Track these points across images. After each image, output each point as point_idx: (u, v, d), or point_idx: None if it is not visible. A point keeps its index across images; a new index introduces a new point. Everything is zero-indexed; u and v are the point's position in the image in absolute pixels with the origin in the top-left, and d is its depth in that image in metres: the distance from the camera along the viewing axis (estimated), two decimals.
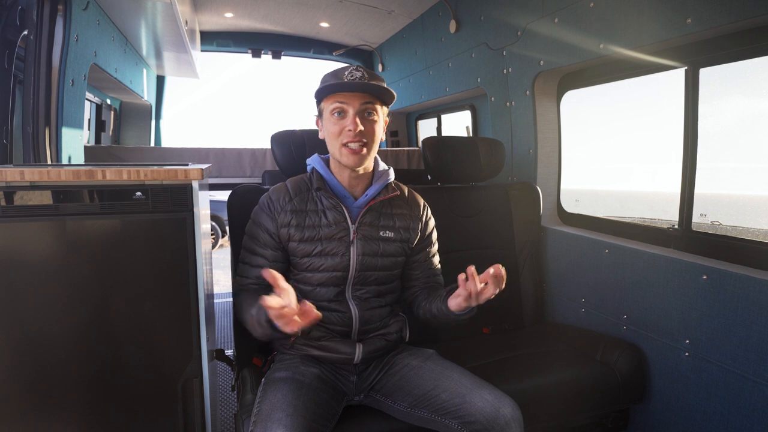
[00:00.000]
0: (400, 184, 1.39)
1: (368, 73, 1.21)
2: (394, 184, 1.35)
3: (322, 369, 1.26)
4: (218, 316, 3.38)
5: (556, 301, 2.04)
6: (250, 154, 2.95)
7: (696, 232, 1.63)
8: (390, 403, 1.26)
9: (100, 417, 1.16)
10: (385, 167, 1.35)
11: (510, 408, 1.12)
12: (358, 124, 1.19)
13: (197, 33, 3.87)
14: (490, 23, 2.43)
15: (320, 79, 1.26)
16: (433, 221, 1.43)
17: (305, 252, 1.25)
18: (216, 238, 7.40)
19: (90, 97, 3.48)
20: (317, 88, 1.23)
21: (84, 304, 1.12)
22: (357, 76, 1.19)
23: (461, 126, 3.45)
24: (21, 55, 2.00)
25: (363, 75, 1.19)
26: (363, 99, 1.20)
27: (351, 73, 1.19)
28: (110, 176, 1.11)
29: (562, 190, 2.23)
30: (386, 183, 1.31)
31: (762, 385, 1.27)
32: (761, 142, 1.65)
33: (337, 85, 1.18)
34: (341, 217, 1.26)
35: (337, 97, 1.20)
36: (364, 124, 1.20)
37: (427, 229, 1.40)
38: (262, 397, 1.14)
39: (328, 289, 1.27)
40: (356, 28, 3.72)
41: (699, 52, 1.55)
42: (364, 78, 1.19)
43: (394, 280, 1.36)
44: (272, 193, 1.29)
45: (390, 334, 1.32)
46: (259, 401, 1.13)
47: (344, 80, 1.19)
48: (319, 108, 1.26)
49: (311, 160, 1.35)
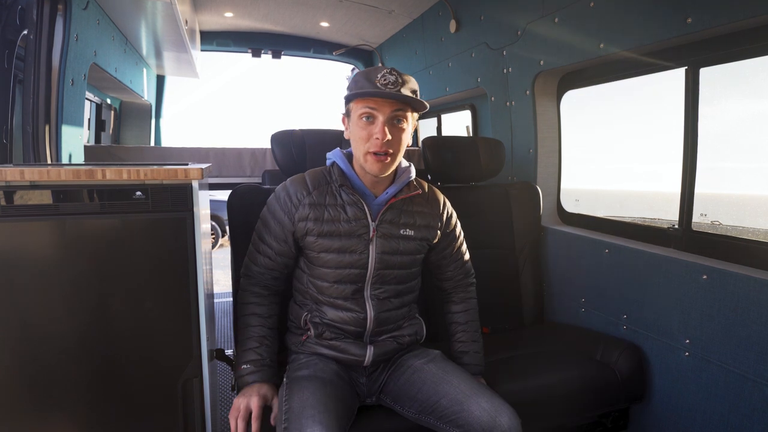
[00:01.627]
0: (421, 180, 1.37)
1: (401, 78, 1.16)
2: (416, 182, 1.33)
3: (339, 367, 1.26)
4: (218, 316, 3.38)
5: (556, 300, 2.04)
6: (250, 153, 2.95)
7: (696, 231, 1.63)
8: (399, 409, 1.26)
9: (99, 417, 1.15)
10: (406, 164, 1.33)
11: (507, 417, 1.10)
12: (387, 134, 1.15)
13: (197, 33, 3.87)
14: (490, 23, 2.43)
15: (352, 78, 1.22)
16: (454, 216, 1.41)
17: (323, 247, 1.23)
18: (216, 238, 7.40)
19: (90, 97, 3.48)
20: (349, 92, 1.19)
21: (84, 304, 1.12)
22: (390, 80, 1.14)
23: (461, 126, 3.45)
24: (21, 55, 2.00)
25: (396, 79, 1.15)
26: (394, 106, 1.16)
27: (384, 76, 1.15)
28: (110, 176, 1.11)
29: (562, 190, 2.23)
30: (408, 181, 1.29)
31: (762, 385, 1.27)
32: (761, 142, 1.65)
33: (369, 92, 1.14)
34: (361, 214, 1.24)
35: (368, 102, 1.16)
36: (392, 132, 1.17)
37: (449, 226, 1.39)
38: (288, 395, 1.13)
39: (346, 286, 1.25)
40: (356, 28, 3.72)
41: (699, 52, 1.55)
42: (397, 83, 1.15)
43: (413, 279, 1.35)
44: (290, 186, 1.27)
45: (403, 336, 1.31)
46: (286, 399, 1.12)
47: (377, 84, 1.14)
48: (348, 108, 1.23)
49: (333, 155, 1.31)
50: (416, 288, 1.38)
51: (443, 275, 1.44)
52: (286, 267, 1.32)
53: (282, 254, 1.28)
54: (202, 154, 2.84)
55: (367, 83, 1.16)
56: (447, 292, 1.46)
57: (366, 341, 1.28)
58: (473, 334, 1.42)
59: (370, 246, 1.24)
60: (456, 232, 1.41)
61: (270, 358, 1.26)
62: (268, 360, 1.25)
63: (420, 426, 1.22)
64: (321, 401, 1.08)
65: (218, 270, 4.81)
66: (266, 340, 1.26)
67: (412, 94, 1.18)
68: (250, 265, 1.32)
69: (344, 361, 1.26)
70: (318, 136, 1.67)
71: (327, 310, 1.26)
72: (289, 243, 1.27)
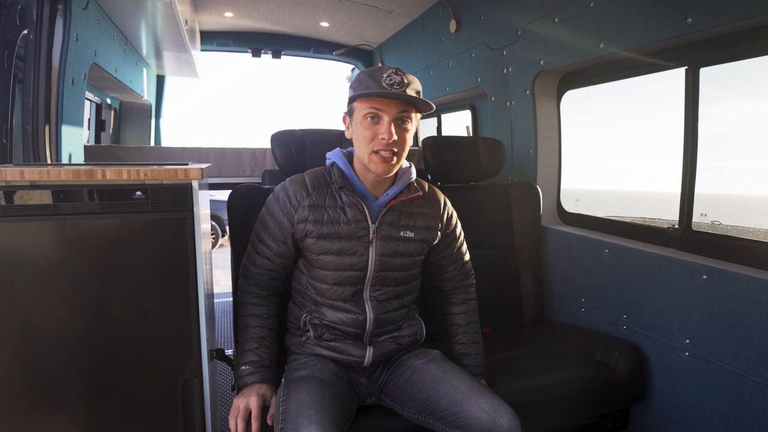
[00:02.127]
0: (422, 181, 1.36)
1: (407, 78, 1.15)
2: (416, 183, 1.32)
3: (338, 367, 1.26)
4: (218, 316, 3.38)
5: (556, 300, 2.04)
6: (250, 153, 2.95)
7: (696, 231, 1.63)
8: (399, 409, 1.26)
9: (99, 417, 1.15)
10: (407, 165, 1.32)
11: (506, 417, 1.10)
12: (393, 134, 1.14)
13: (197, 32, 3.87)
14: (490, 23, 2.43)
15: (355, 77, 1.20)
16: (455, 217, 1.41)
17: (322, 249, 1.23)
18: (216, 238, 7.40)
19: (90, 97, 3.48)
20: (354, 91, 1.17)
21: (84, 304, 1.12)
22: (396, 80, 1.13)
23: (461, 126, 3.45)
24: (21, 55, 2.00)
25: (402, 80, 1.14)
26: (400, 107, 1.15)
27: (390, 76, 1.13)
28: (110, 176, 1.11)
29: (562, 190, 2.23)
30: (408, 182, 1.28)
31: (762, 385, 1.27)
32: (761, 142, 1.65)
33: (378, 93, 1.13)
34: (361, 216, 1.23)
35: (374, 102, 1.15)
36: (397, 133, 1.16)
37: (450, 227, 1.38)
38: (286, 396, 1.13)
39: (345, 288, 1.25)
40: (356, 28, 3.72)
41: (699, 52, 1.55)
42: (403, 83, 1.14)
43: (413, 280, 1.34)
44: (290, 187, 1.26)
45: (402, 337, 1.31)
46: (284, 400, 1.12)
47: (383, 84, 1.13)
48: (350, 107, 1.21)
49: (332, 155, 1.30)
50: (416, 289, 1.38)
51: (443, 276, 1.44)
52: (284, 268, 1.32)
53: (281, 255, 1.28)
54: (202, 154, 2.84)
55: (372, 83, 1.14)
56: (447, 293, 1.46)
57: (365, 342, 1.28)
58: (474, 336, 1.42)
59: (370, 248, 1.23)
60: (456, 233, 1.41)
61: (269, 358, 1.26)
62: (267, 360, 1.25)
63: (420, 426, 1.22)
64: (318, 401, 1.08)
65: (218, 270, 4.81)
66: (265, 341, 1.26)
67: (416, 94, 1.17)
68: (248, 266, 1.32)
69: (344, 362, 1.26)
70: (318, 136, 1.67)
71: (326, 312, 1.26)
72: (288, 244, 1.26)
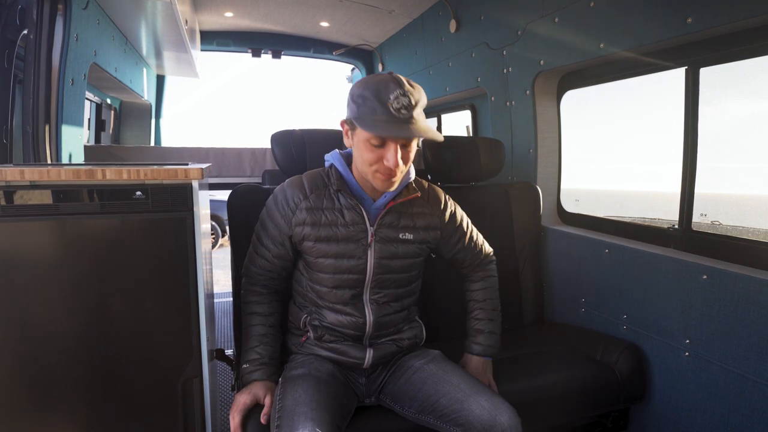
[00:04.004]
0: (421, 180, 1.34)
1: (413, 98, 1.07)
2: (415, 183, 1.30)
3: (336, 367, 1.26)
4: (218, 316, 3.38)
5: (556, 300, 2.04)
6: (250, 153, 2.95)
7: (696, 231, 1.63)
8: (399, 409, 1.26)
9: (99, 417, 1.16)
10: None
11: (507, 415, 1.10)
12: (399, 161, 1.10)
13: (197, 32, 3.87)
14: (490, 23, 2.43)
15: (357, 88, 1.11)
16: (458, 211, 1.39)
17: (321, 252, 1.22)
18: (216, 238, 7.40)
19: (90, 97, 3.48)
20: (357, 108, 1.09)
21: (84, 304, 1.12)
22: (404, 104, 1.05)
23: (461, 125, 3.45)
24: (21, 55, 2.00)
25: (410, 102, 1.06)
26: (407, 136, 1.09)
27: (398, 99, 1.05)
28: (110, 176, 1.11)
29: (562, 190, 2.23)
30: (407, 183, 1.26)
31: (762, 385, 1.27)
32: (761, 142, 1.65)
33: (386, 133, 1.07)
34: (359, 218, 1.22)
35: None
36: (402, 155, 1.11)
37: (454, 222, 1.36)
38: (282, 394, 1.14)
39: (344, 291, 1.24)
40: (356, 28, 3.72)
41: (699, 52, 1.54)
42: (410, 107, 1.06)
43: (412, 282, 1.34)
44: (288, 189, 1.25)
45: (402, 339, 1.31)
46: (280, 398, 1.13)
47: (390, 109, 1.05)
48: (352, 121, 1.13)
49: (331, 157, 1.28)
50: (416, 291, 1.37)
51: (461, 264, 1.44)
52: (284, 269, 1.32)
53: (279, 257, 1.28)
54: (202, 154, 2.84)
55: (379, 106, 1.06)
56: (466, 273, 1.46)
57: (365, 344, 1.28)
58: (491, 312, 1.41)
59: (369, 251, 1.23)
60: (463, 226, 1.39)
61: (269, 356, 1.26)
62: (267, 358, 1.25)
63: (420, 426, 1.22)
64: (314, 399, 1.08)
65: (218, 270, 4.81)
66: (266, 339, 1.27)
67: (421, 110, 1.12)
68: (249, 266, 1.33)
69: (344, 363, 1.26)
70: (318, 136, 1.67)
71: (326, 314, 1.26)
72: (286, 246, 1.26)
